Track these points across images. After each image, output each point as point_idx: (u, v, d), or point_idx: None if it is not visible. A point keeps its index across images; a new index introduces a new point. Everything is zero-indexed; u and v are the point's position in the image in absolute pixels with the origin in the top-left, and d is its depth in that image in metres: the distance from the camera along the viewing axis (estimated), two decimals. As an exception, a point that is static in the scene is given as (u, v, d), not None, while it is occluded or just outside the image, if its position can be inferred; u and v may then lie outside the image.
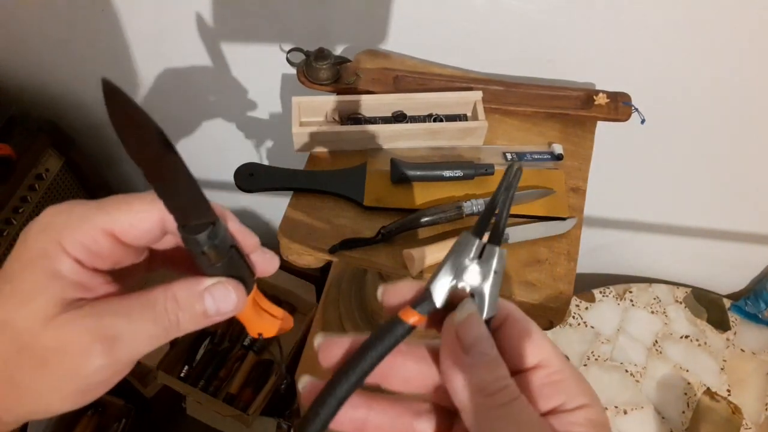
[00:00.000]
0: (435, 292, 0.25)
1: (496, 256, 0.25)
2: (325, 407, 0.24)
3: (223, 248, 0.26)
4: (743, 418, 0.96)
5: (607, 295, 1.06)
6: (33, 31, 0.98)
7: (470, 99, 0.65)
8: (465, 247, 0.25)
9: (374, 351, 0.25)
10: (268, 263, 0.30)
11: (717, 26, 0.66)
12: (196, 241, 0.25)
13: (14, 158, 0.99)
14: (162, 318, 0.26)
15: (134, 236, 0.27)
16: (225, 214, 0.28)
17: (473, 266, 0.25)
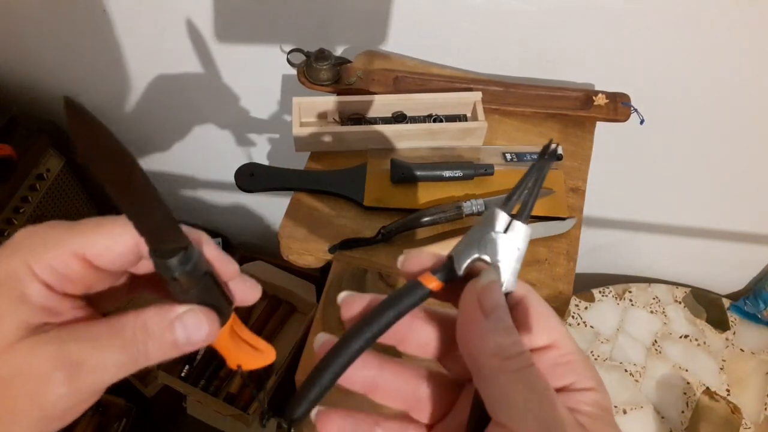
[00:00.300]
0: (456, 260, 0.25)
1: (520, 232, 0.25)
2: (338, 359, 0.25)
3: (196, 274, 0.25)
4: (742, 418, 0.96)
5: (606, 294, 1.07)
6: (34, 31, 0.98)
7: (470, 99, 0.65)
8: (491, 221, 0.25)
9: (391, 311, 0.25)
10: (248, 291, 0.29)
11: (717, 26, 0.66)
12: (167, 266, 0.25)
13: (15, 158, 1.00)
14: (130, 346, 0.25)
15: (108, 260, 0.26)
16: (201, 239, 0.27)
17: (497, 240, 0.25)
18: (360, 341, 0.25)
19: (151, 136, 1.18)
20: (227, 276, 0.28)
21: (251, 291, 0.29)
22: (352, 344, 0.25)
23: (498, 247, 0.25)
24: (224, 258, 0.28)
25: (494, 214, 0.25)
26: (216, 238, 1.45)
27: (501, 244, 0.25)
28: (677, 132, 0.81)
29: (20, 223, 1.04)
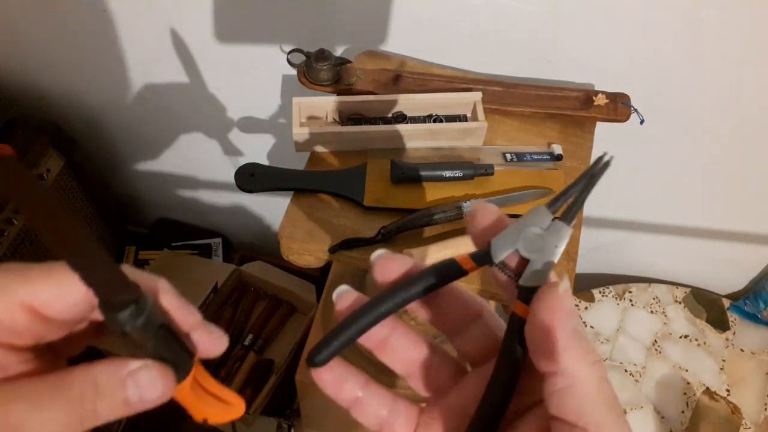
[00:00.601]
0: (495, 248, 0.26)
1: (561, 231, 0.26)
2: (366, 317, 0.26)
3: (149, 328, 0.24)
4: (742, 418, 0.96)
5: (606, 295, 1.07)
6: (34, 31, 0.98)
7: (470, 99, 0.65)
8: (535, 218, 0.26)
9: (425, 281, 0.26)
10: (213, 342, 0.27)
11: (717, 26, 0.66)
12: (116, 320, 0.23)
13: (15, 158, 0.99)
14: (77, 406, 0.23)
15: (58, 311, 0.24)
16: (157, 287, 0.26)
17: (537, 236, 0.26)
18: (390, 303, 0.26)
19: (151, 136, 1.18)
20: (188, 326, 0.26)
21: (216, 341, 0.27)
22: (383, 305, 0.26)
23: (536, 243, 0.26)
24: (185, 307, 0.26)
25: (539, 211, 0.26)
26: (216, 238, 1.45)
27: (540, 241, 0.26)
28: (677, 132, 0.81)
29: (20, 223, 1.04)
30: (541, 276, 0.25)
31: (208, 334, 0.27)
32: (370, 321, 0.26)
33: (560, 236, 0.26)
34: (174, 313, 0.26)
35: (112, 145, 1.25)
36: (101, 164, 1.30)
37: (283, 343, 1.27)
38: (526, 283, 0.25)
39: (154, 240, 1.44)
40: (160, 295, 0.25)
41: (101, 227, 1.32)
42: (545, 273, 0.25)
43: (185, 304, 0.26)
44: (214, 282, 1.26)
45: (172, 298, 0.26)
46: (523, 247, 0.26)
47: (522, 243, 0.26)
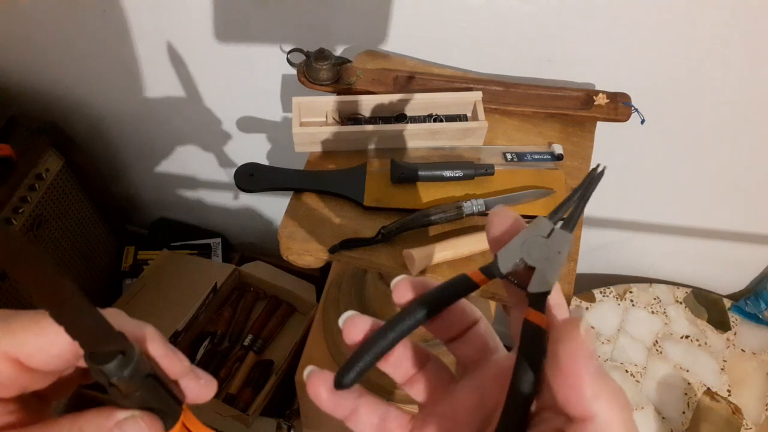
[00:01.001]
0: (501, 260, 0.27)
1: (562, 238, 0.27)
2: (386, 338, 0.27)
3: (137, 378, 0.23)
4: (743, 419, 0.96)
5: (607, 295, 1.06)
6: (34, 31, 0.98)
7: (470, 99, 0.65)
8: (538, 228, 0.27)
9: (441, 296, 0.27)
10: (202, 389, 0.27)
11: (717, 26, 0.66)
12: (103, 372, 0.23)
13: (14, 158, 0.99)
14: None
15: (42, 361, 0.24)
16: (144, 335, 0.25)
17: (541, 244, 0.27)
18: (409, 322, 0.27)
19: (151, 135, 1.18)
20: (176, 374, 0.26)
21: (205, 388, 0.27)
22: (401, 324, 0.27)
23: (540, 251, 0.27)
24: (172, 355, 0.26)
25: (539, 221, 0.28)
26: (215, 238, 1.45)
27: (543, 248, 0.27)
28: (677, 132, 0.81)
29: (20, 223, 1.04)
30: (548, 281, 0.26)
31: (197, 380, 0.27)
32: (390, 342, 0.27)
33: (562, 242, 0.27)
34: (161, 360, 0.26)
35: (112, 145, 1.24)
36: (101, 164, 1.29)
37: (283, 343, 1.27)
38: (534, 290, 0.26)
39: (154, 240, 1.44)
40: (147, 342, 0.25)
41: (101, 227, 1.32)
42: (552, 278, 0.26)
43: (173, 351, 0.26)
44: (214, 282, 1.26)
45: (160, 346, 0.26)
46: (528, 255, 0.27)
47: (526, 252, 0.27)
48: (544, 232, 0.27)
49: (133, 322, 0.25)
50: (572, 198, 0.28)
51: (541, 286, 0.26)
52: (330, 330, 0.91)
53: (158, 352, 0.25)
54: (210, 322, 1.29)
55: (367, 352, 0.27)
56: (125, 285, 1.38)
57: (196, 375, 0.27)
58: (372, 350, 0.27)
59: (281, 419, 1.20)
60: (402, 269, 0.56)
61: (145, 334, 0.25)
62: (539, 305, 0.26)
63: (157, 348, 0.25)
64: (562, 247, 0.27)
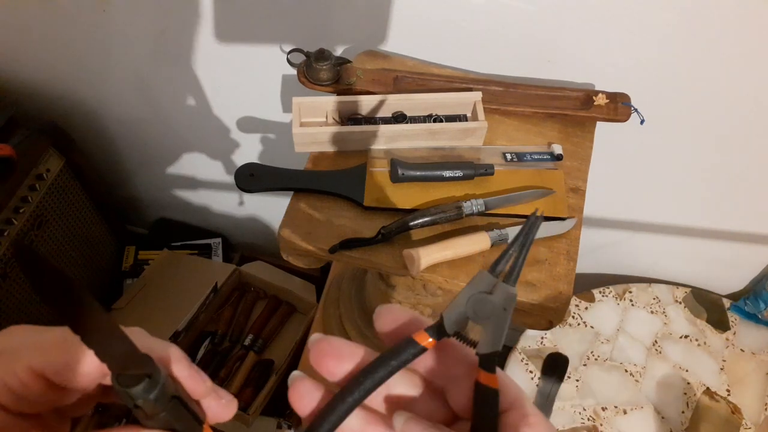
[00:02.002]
0: (447, 320, 0.26)
1: (507, 294, 0.26)
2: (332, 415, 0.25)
3: (162, 400, 0.24)
4: (743, 418, 0.96)
5: (606, 295, 1.07)
6: (34, 31, 0.98)
7: (470, 99, 0.65)
8: (479, 283, 0.27)
9: (384, 368, 0.26)
10: (223, 409, 0.27)
11: (717, 26, 0.66)
12: (129, 395, 0.23)
13: (15, 158, 0.99)
14: None
15: (69, 379, 0.24)
16: (169, 356, 0.26)
17: (486, 301, 0.26)
18: (355, 395, 0.25)
19: (151, 136, 1.18)
20: (199, 394, 0.27)
21: (226, 407, 0.27)
22: (347, 399, 0.25)
23: (485, 308, 0.26)
24: (196, 375, 0.26)
25: (481, 277, 0.27)
26: (216, 238, 1.45)
27: (487, 306, 0.26)
28: (677, 132, 0.81)
29: (20, 223, 1.04)
30: (495, 341, 0.26)
31: (218, 400, 0.27)
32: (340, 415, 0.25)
33: (506, 299, 0.26)
34: (185, 381, 0.26)
35: (112, 145, 1.25)
36: (102, 164, 1.30)
37: (283, 343, 1.27)
38: (482, 351, 0.26)
39: (154, 240, 1.44)
40: (171, 363, 0.26)
41: (102, 227, 1.32)
42: (499, 338, 0.26)
43: (197, 372, 0.26)
44: (214, 282, 1.26)
45: (184, 367, 0.26)
46: (473, 313, 0.26)
47: (472, 310, 0.26)
48: (487, 288, 0.27)
49: (159, 343, 0.26)
50: (511, 248, 0.27)
51: (489, 347, 0.26)
52: (330, 330, 0.91)
53: (183, 373, 0.26)
54: (210, 322, 1.29)
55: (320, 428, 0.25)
56: (126, 285, 1.38)
57: (218, 395, 0.27)
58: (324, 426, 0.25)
59: (281, 419, 1.20)
60: (402, 269, 0.56)
61: (170, 354, 0.26)
62: (489, 366, 0.25)
63: (181, 369, 0.26)
64: (507, 304, 0.26)
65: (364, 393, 0.25)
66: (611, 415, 0.95)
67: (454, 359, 0.26)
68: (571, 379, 0.98)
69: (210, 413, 0.27)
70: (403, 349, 0.26)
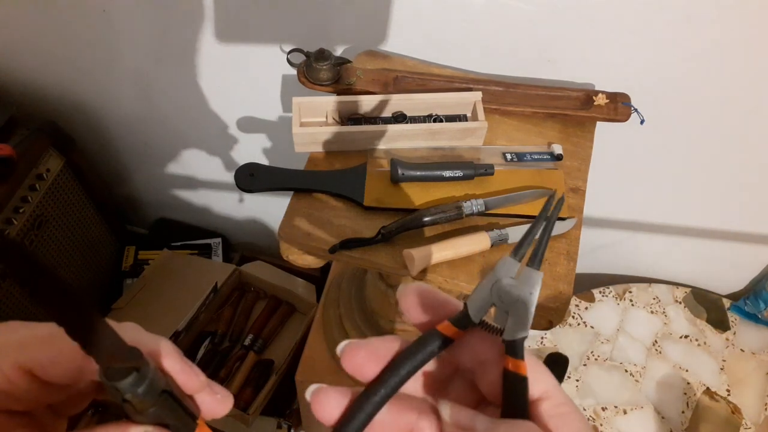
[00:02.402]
0: (471, 309, 0.26)
1: (533, 277, 0.26)
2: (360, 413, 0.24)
3: (151, 395, 0.23)
4: (743, 418, 0.96)
5: (606, 295, 1.07)
6: (34, 31, 0.98)
7: (470, 99, 0.65)
8: (504, 268, 0.26)
9: (412, 361, 0.25)
10: (218, 404, 0.27)
11: (717, 26, 0.66)
12: (117, 389, 0.22)
13: (15, 158, 0.99)
14: None
15: (56, 374, 0.23)
16: (160, 351, 0.25)
17: (511, 286, 0.26)
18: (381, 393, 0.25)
19: (151, 136, 1.18)
20: (192, 389, 0.26)
21: (221, 403, 0.27)
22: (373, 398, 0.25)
23: (511, 294, 0.26)
24: (189, 369, 0.26)
25: (505, 262, 0.26)
26: (216, 238, 1.45)
27: (513, 290, 0.26)
28: (677, 132, 0.81)
29: (20, 223, 1.04)
30: (522, 326, 0.25)
31: (213, 395, 0.27)
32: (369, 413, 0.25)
33: (533, 282, 0.26)
34: (177, 375, 0.25)
35: (112, 145, 1.25)
36: (101, 164, 1.30)
37: (283, 343, 1.27)
38: (509, 337, 0.25)
39: (154, 240, 1.44)
40: (162, 357, 0.25)
41: (102, 227, 1.32)
42: (526, 322, 0.25)
43: (189, 366, 0.26)
44: (214, 282, 1.26)
45: (176, 361, 0.25)
46: (498, 300, 0.26)
47: (497, 297, 0.26)
48: (511, 273, 0.26)
49: (150, 337, 0.25)
50: (534, 231, 0.26)
51: (517, 333, 0.25)
52: (330, 330, 0.91)
53: (174, 367, 0.25)
54: (210, 322, 1.29)
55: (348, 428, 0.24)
56: (126, 285, 1.38)
57: (212, 390, 0.27)
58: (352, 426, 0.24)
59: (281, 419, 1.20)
60: (402, 269, 0.56)
61: (161, 348, 0.25)
62: (517, 352, 0.25)
63: (173, 363, 0.25)
64: (533, 288, 0.26)
65: (391, 390, 0.25)
66: (611, 415, 0.95)
67: (482, 345, 0.26)
68: (571, 379, 0.98)
69: (204, 408, 0.26)
70: (428, 341, 0.26)
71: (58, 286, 0.20)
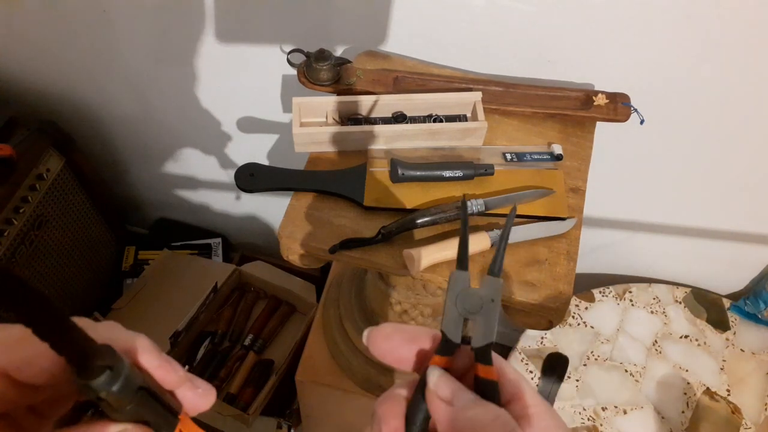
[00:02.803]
0: (448, 331, 0.27)
1: (493, 285, 0.27)
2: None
3: (127, 392, 0.23)
4: (743, 418, 0.96)
5: (606, 295, 1.07)
6: (34, 31, 0.98)
7: (470, 99, 0.65)
8: (457, 282, 0.27)
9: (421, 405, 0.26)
10: (200, 398, 0.27)
11: (716, 26, 0.66)
12: (90, 387, 0.22)
13: (15, 158, 0.99)
14: None
15: (32, 375, 0.23)
16: (135, 347, 0.25)
17: (473, 296, 0.27)
18: None
19: (151, 136, 1.18)
20: (172, 384, 0.26)
21: (203, 397, 0.27)
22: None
23: (473, 303, 0.27)
24: (166, 365, 0.25)
25: (455, 275, 0.27)
26: (216, 238, 1.45)
27: (475, 300, 0.27)
28: (677, 132, 0.81)
29: (20, 223, 1.04)
30: (488, 333, 0.26)
31: (194, 389, 0.26)
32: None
33: (494, 290, 0.27)
34: (155, 371, 0.25)
35: (112, 145, 1.25)
36: (101, 164, 1.30)
37: (283, 343, 1.27)
38: (477, 344, 0.26)
39: (154, 240, 1.44)
40: (138, 354, 0.25)
41: (102, 227, 1.32)
42: (492, 329, 0.26)
43: (167, 362, 0.25)
44: (214, 282, 1.26)
45: (153, 357, 0.25)
46: (463, 310, 0.27)
47: (463, 310, 0.27)
48: (466, 284, 0.27)
49: (126, 334, 0.25)
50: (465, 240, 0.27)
51: (483, 339, 0.26)
52: (330, 330, 0.91)
53: (151, 363, 0.25)
54: (210, 322, 1.29)
55: None
56: (126, 285, 1.38)
57: (193, 384, 0.26)
58: None
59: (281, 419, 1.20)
60: (402, 269, 0.56)
61: (137, 345, 0.25)
62: (485, 358, 0.26)
63: (149, 359, 0.25)
64: (494, 294, 0.27)
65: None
66: (611, 415, 0.95)
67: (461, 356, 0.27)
68: (571, 379, 0.98)
69: (186, 403, 0.26)
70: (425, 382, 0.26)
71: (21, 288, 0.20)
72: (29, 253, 1.09)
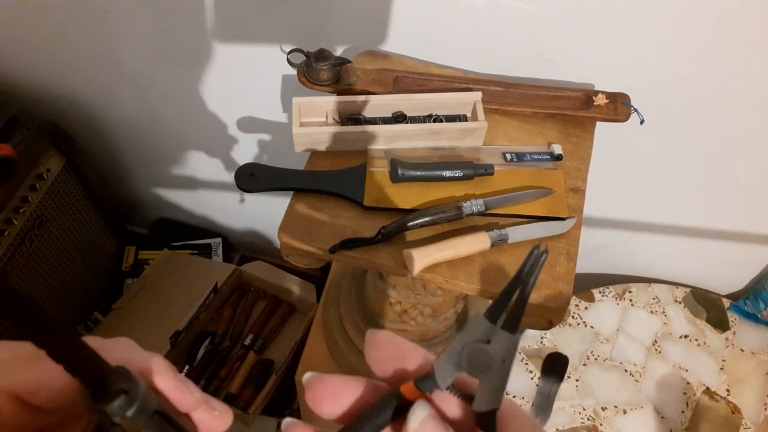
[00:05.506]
0: (438, 374, 0.23)
1: (507, 343, 0.23)
2: None
3: (143, 416, 0.22)
4: (742, 418, 0.96)
5: (606, 295, 1.07)
6: (33, 31, 0.98)
7: (470, 99, 0.65)
8: (476, 331, 0.23)
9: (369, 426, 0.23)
10: (216, 421, 0.25)
11: (716, 26, 0.66)
12: (104, 413, 0.21)
13: (15, 158, 0.99)
14: None
15: (45, 398, 0.22)
16: (151, 368, 0.24)
17: (483, 353, 0.23)
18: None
19: (151, 136, 1.18)
20: (188, 407, 0.25)
21: (219, 420, 0.26)
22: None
23: (482, 360, 0.23)
24: (183, 387, 0.24)
25: (476, 321, 0.23)
26: (216, 238, 1.45)
27: (484, 357, 0.23)
28: (677, 132, 0.81)
29: (20, 223, 1.04)
30: (495, 398, 0.22)
31: (210, 411, 0.25)
32: None
33: (507, 349, 0.23)
34: (171, 394, 0.24)
35: (112, 145, 1.25)
36: (101, 164, 1.30)
37: (283, 343, 1.27)
38: (480, 408, 0.22)
39: (154, 240, 1.44)
40: (154, 376, 0.24)
41: (102, 227, 1.32)
42: (500, 394, 0.23)
43: (183, 384, 0.25)
44: (214, 282, 1.26)
45: (169, 379, 0.24)
46: (468, 366, 0.23)
47: (466, 362, 0.23)
48: (484, 336, 0.23)
49: (141, 354, 0.24)
50: (511, 290, 0.23)
51: (488, 404, 0.22)
52: (330, 330, 0.91)
53: (167, 385, 0.24)
54: (210, 322, 1.29)
55: None
56: (126, 285, 1.38)
57: (209, 406, 0.25)
58: None
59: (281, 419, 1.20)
60: (402, 269, 0.56)
61: (152, 366, 0.24)
62: (488, 425, 0.22)
63: (165, 381, 0.24)
64: (506, 355, 0.23)
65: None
66: (611, 415, 0.95)
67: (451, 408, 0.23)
68: (570, 378, 0.98)
69: (202, 426, 0.25)
70: (388, 404, 0.23)
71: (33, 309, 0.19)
72: (29, 253, 1.09)
